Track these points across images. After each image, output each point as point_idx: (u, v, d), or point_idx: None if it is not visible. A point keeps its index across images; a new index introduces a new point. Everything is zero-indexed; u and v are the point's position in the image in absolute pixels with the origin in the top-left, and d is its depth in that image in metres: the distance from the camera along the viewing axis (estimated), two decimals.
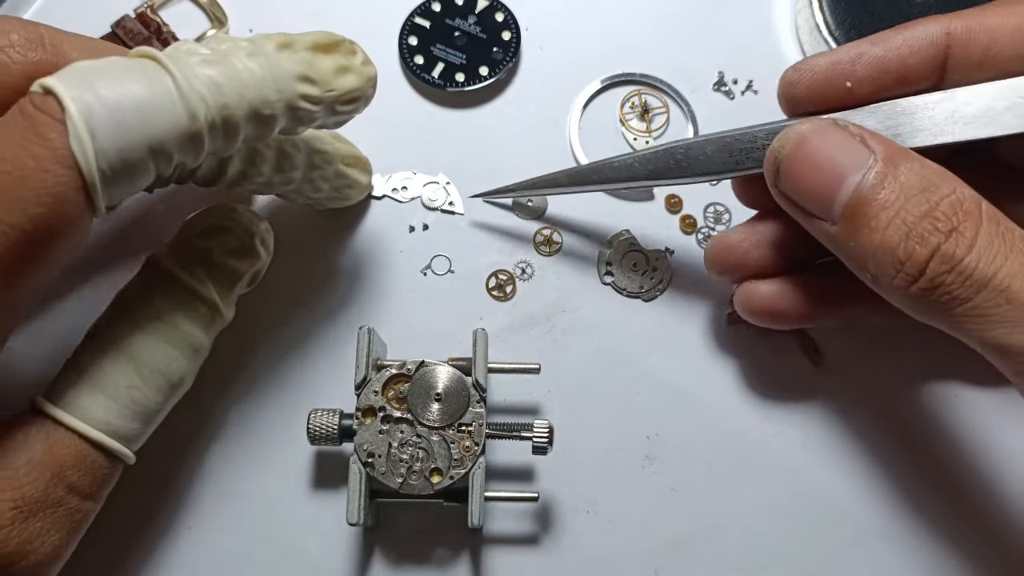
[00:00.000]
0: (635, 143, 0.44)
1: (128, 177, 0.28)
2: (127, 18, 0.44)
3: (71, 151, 0.26)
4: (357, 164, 0.40)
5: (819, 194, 0.30)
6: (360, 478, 0.34)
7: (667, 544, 0.38)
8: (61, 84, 0.27)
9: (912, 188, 0.29)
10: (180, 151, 0.29)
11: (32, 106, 0.27)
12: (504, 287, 0.42)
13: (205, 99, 0.28)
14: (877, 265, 0.29)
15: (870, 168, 0.29)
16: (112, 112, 0.27)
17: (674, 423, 0.40)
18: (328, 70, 0.31)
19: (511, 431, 0.36)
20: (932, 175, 0.29)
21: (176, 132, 0.28)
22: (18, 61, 0.30)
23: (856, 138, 0.30)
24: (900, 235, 0.28)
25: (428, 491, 0.34)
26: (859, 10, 0.43)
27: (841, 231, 0.30)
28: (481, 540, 0.38)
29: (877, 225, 0.29)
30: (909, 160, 0.30)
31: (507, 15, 0.45)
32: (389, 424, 0.34)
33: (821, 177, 0.30)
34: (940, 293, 0.28)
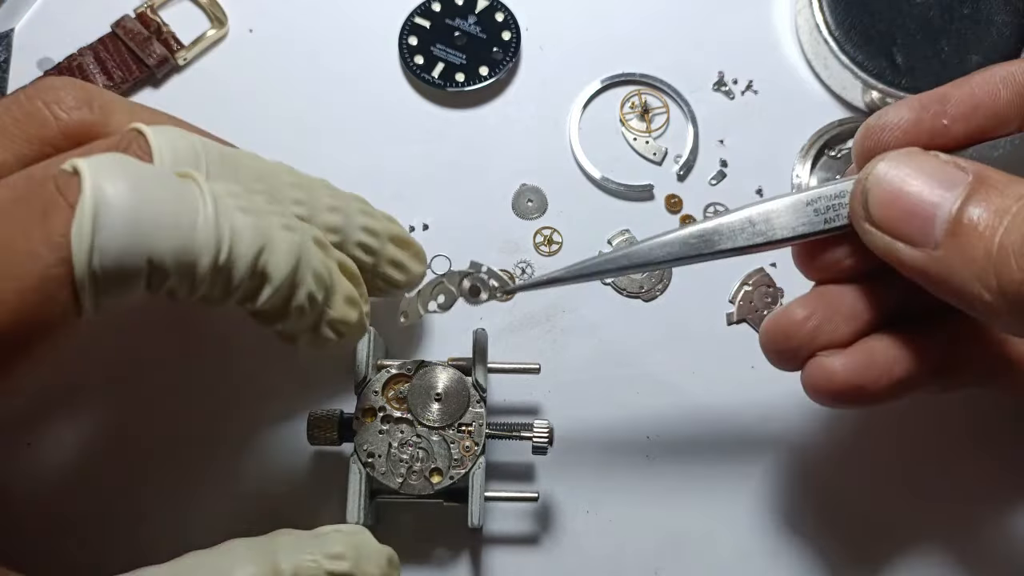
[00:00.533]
0: (635, 143, 0.44)
1: (119, 284, 0.26)
2: (127, 18, 0.44)
3: (68, 240, 0.24)
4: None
5: (916, 215, 0.27)
6: (360, 478, 0.34)
7: (667, 544, 0.38)
8: (89, 169, 0.25)
9: (1020, 192, 0.26)
10: (177, 279, 0.27)
11: (53, 183, 0.25)
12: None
13: (231, 238, 0.27)
14: (998, 275, 0.25)
15: (968, 184, 0.27)
16: (129, 212, 0.25)
17: (674, 423, 0.40)
18: (342, 293, 0.31)
19: (511, 431, 0.36)
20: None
21: (184, 258, 0.26)
22: (61, 119, 0.30)
23: (949, 162, 0.28)
24: (1021, 233, 0.25)
25: (428, 491, 0.34)
26: (859, 10, 0.43)
27: (944, 253, 0.27)
28: (481, 540, 0.38)
29: (992, 231, 0.26)
30: (1008, 176, 0.27)
31: (507, 15, 0.45)
32: (389, 424, 0.34)
33: (916, 199, 0.27)
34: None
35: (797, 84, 0.45)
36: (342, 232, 0.32)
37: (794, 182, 0.43)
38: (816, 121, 0.44)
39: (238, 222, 0.27)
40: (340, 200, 0.33)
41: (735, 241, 0.31)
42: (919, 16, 0.43)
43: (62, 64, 0.43)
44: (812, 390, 0.31)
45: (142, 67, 0.43)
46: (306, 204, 0.31)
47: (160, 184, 0.26)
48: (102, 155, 0.27)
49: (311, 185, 0.32)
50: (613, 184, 0.43)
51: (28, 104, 0.30)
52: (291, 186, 0.31)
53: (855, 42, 0.43)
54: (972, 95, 0.30)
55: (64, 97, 0.30)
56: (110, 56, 0.44)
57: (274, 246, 0.28)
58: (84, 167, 0.25)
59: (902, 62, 0.43)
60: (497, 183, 0.43)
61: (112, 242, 0.25)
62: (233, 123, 0.43)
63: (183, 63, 0.44)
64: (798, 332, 0.31)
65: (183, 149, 0.29)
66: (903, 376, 0.30)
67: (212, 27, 0.45)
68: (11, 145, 0.30)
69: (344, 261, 0.32)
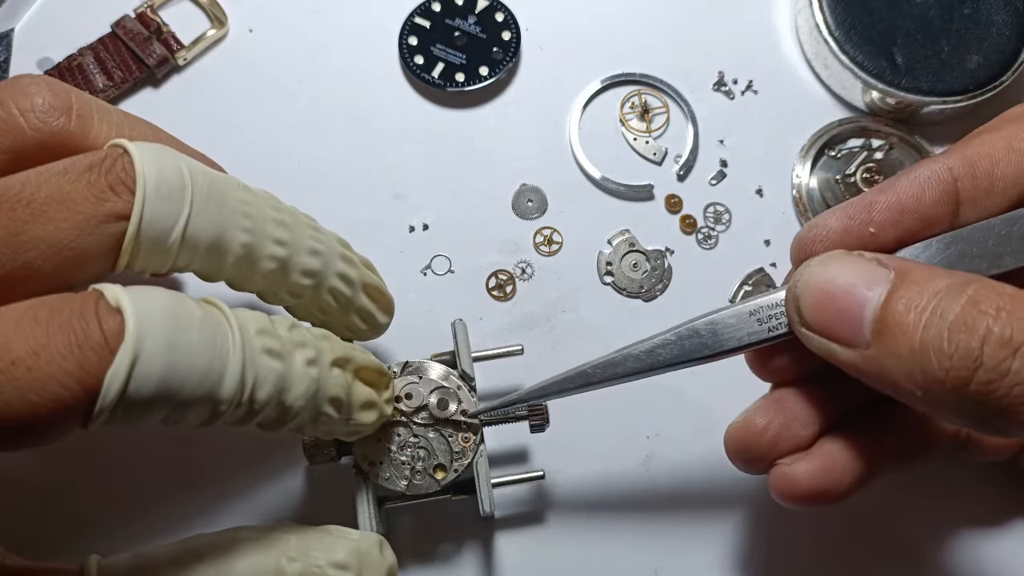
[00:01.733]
0: (635, 143, 0.44)
1: (134, 419, 0.26)
2: (127, 18, 0.44)
3: (100, 382, 0.24)
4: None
5: (845, 317, 0.28)
6: (366, 488, 0.34)
7: (667, 544, 0.38)
8: (132, 312, 0.25)
9: (941, 286, 0.26)
10: (194, 417, 0.27)
11: (95, 316, 0.25)
12: (504, 287, 0.42)
13: (253, 386, 0.27)
14: (923, 372, 0.26)
15: (891, 281, 0.27)
16: (163, 368, 0.25)
17: (674, 423, 0.40)
18: (358, 401, 0.31)
19: (506, 415, 0.35)
20: (958, 274, 0.27)
21: (206, 403, 0.26)
22: (35, 127, 0.29)
23: (872, 260, 0.29)
24: (940, 330, 0.25)
25: (435, 488, 0.34)
26: (859, 10, 0.43)
27: (875, 351, 0.27)
28: (493, 528, 0.38)
29: (913, 329, 0.26)
30: (929, 268, 0.28)
31: (507, 15, 0.45)
32: (384, 430, 0.34)
33: (844, 300, 0.28)
34: (1006, 385, 0.24)
35: (797, 84, 0.45)
36: (318, 277, 0.31)
37: (794, 182, 0.43)
38: (816, 121, 0.44)
39: (263, 367, 0.27)
40: (321, 242, 0.32)
41: (684, 356, 0.32)
42: (919, 16, 0.43)
43: (62, 64, 0.43)
44: (778, 496, 0.31)
45: (142, 67, 0.43)
46: (288, 245, 0.30)
47: (195, 330, 0.26)
48: (145, 291, 0.26)
49: (295, 223, 0.31)
50: (613, 184, 0.43)
51: (2, 110, 0.29)
52: (275, 224, 0.30)
53: (855, 42, 0.43)
54: (897, 200, 0.30)
55: (39, 103, 0.29)
56: (110, 56, 0.44)
57: (293, 386, 0.28)
58: (127, 307, 0.25)
59: (902, 62, 0.43)
60: (497, 183, 0.43)
61: (142, 391, 0.25)
62: (233, 123, 0.43)
63: (183, 63, 0.44)
64: (758, 442, 0.32)
65: (169, 172, 0.28)
66: (864, 472, 0.31)
67: (212, 27, 0.45)
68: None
69: (364, 364, 0.32)
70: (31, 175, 0.28)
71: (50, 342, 0.24)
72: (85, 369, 0.24)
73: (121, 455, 0.38)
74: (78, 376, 0.24)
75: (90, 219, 0.27)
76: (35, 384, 0.24)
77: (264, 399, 0.27)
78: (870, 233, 0.30)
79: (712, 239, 0.43)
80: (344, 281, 0.32)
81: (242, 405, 0.27)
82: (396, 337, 0.40)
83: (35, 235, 0.26)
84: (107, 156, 0.28)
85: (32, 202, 0.27)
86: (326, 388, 0.29)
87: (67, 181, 0.27)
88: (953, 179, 0.30)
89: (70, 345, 0.24)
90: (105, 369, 0.24)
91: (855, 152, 0.44)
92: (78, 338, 0.24)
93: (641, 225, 0.43)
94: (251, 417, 0.28)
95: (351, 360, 0.31)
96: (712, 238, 0.43)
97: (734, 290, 0.42)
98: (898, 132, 0.44)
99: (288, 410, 0.28)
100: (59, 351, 0.24)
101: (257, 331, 0.28)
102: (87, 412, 0.25)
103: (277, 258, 0.30)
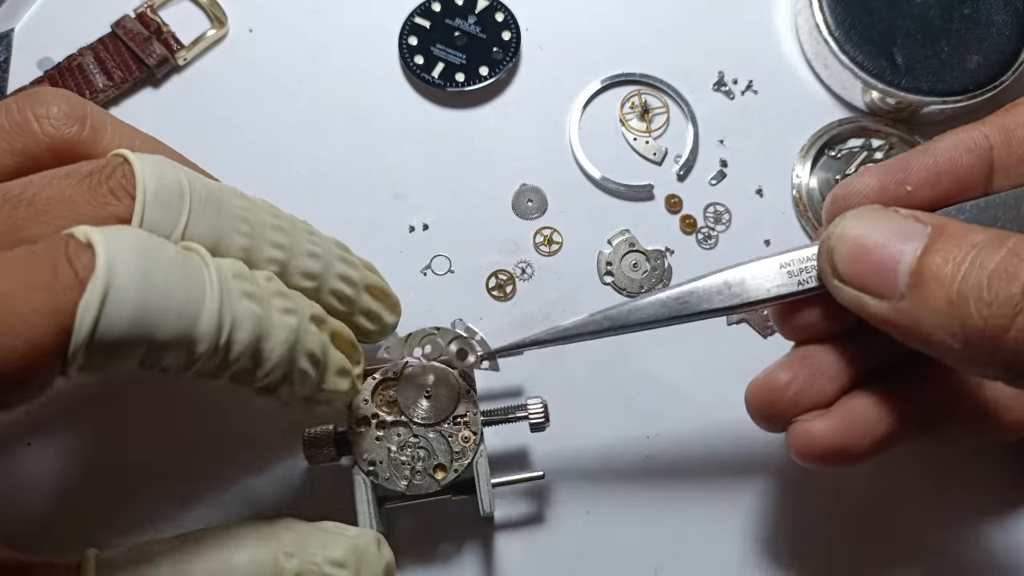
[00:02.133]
0: (635, 143, 0.44)
1: (111, 360, 0.25)
2: (127, 18, 0.44)
3: (71, 316, 0.24)
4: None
5: (879, 269, 0.28)
6: (366, 488, 0.34)
7: (667, 544, 0.38)
8: (104, 245, 0.25)
9: (979, 239, 0.26)
10: (172, 359, 0.27)
11: (64, 255, 0.25)
12: (504, 287, 0.42)
13: (231, 326, 0.27)
14: (960, 322, 0.26)
15: (927, 235, 0.27)
16: (137, 297, 0.25)
17: (674, 423, 0.40)
18: (334, 364, 0.31)
19: (506, 414, 0.36)
20: (995, 230, 0.27)
21: (183, 343, 0.26)
22: (48, 134, 0.29)
23: (908, 216, 0.29)
24: (980, 279, 0.25)
25: (435, 488, 0.34)
26: (859, 10, 0.43)
27: (911, 303, 0.27)
28: (492, 528, 0.38)
29: (951, 279, 0.26)
30: (966, 225, 0.28)
31: (507, 15, 0.45)
32: (384, 429, 0.34)
33: (880, 253, 0.28)
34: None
35: (797, 84, 0.45)
36: (319, 279, 0.32)
37: (794, 182, 0.43)
38: (816, 121, 0.44)
39: (240, 309, 0.27)
40: (320, 245, 0.32)
41: (711, 303, 0.32)
42: (919, 16, 0.43)
43: (62, 64, 0.43)
44: (796, 453, 0.31)
45: (142, 67, 0.43)
46: (286, 248, 0.31)
47: (170, 267, 0.26)
48: (117, 229, 0.26)
49: (292, 228, 0.31)
50: (613, 184, 0.43)
51: (18, 115, 0.30)
52: (273, 228, 0.31)
53: (855, 42, 0.43)
54: (935, 163, 0.30)
55: (55, 111, 0.30)
56: (110, 56, 0.44)
57: (271, 332, 0.28)
58: (99, 242, 0.25)
59: (902, 62, 0.43)
60: (497, 183, 0.43)
61: (115, 325, 0.25)
62: (233, 123, 0.44)
63: (183, 63, 0.44)
64: (781, 397, 0.31)
65: (168, 180, 0.28)
66: (885, 434, 0.31)
67: (212, 27, 0.45)
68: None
69: (339, 330, 0.32)
70: (34, 178, 0.28)
71: (19, 283, 0.24)
72: (55, 306, 0.24)
73: (120, 452, 0.38)
74: (48, 312, 0.24)
75: (91, 222, 0.27)
76: (5, 327, 0.23)
77: (242, 343, 0.27)
78: (906, 192, 0.30)
79: (712, 239, 0.43)
80: (346, 282, 0.33)
81: (219, 350, 0.27)
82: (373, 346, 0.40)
83: (35, 234, 0.27)
84: (108, 163, 0.29)
85: (34, 202, 0.27)
86: (304, 341, 0.29)
87: (69, 184, 0.28)
88: (989, 146, 0.31)
89: (41, 283, 0.24)
90: (77, 302, 0.24)
91: (855, 152, 0.44)
92: (48, 276, 0.24)
93: (641, 225, 0.43)
94: (226, 367, 0.28)
95: (327, 321, 0.31)
96: (712, 238, 0.43)
97: None
98: (898, 132, 0.44)
99: (264, 360, 0.28)
100: (28, 291, 0.24)
101: (234, 275, 0.28)
102: (63, 355, 0.24)
103: (276, 261, 0.30)
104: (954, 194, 0.31)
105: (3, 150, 0.29)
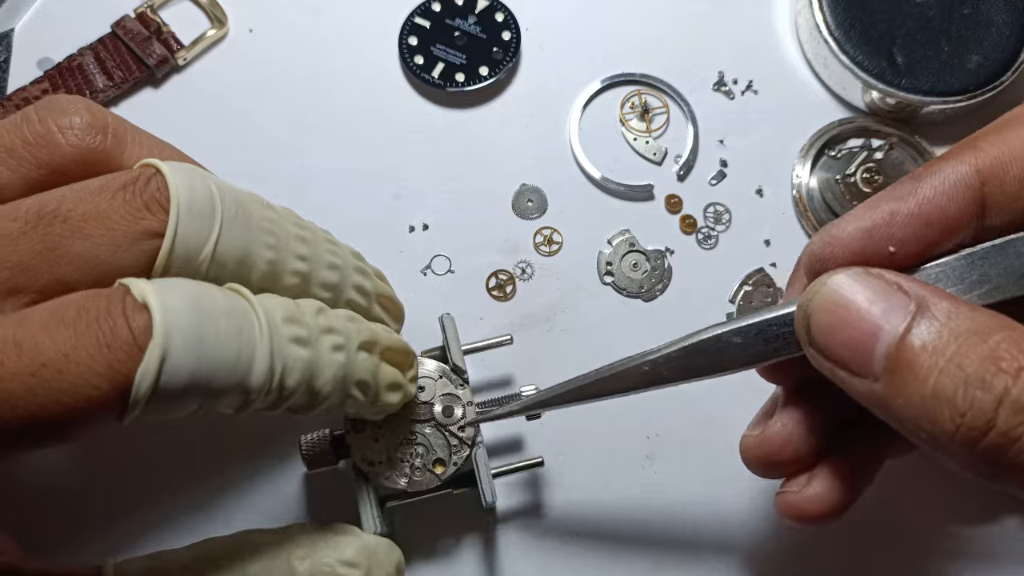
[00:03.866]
0: (635, 143, 0.44)
1: (166, 412, 0.26)
2: (127, 18, 0.44)
3: (131, 380, 0.25)
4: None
5: (856, 347, 0.26)
6: (367, 489, 0.34)
7: (667, 544, 0.38)
8: (159, 308, 0.25)
9: (962, 330, 0.25)
10: (227, 405, 0.27)
11: (122, 314, 0.25)
12: (504, 287, 0.42)
13: (282, 374, 0.28)
14: (931, 421, 0.24)
15: (910, 313, 0.25)
16: (193, 361, 0.26)
17: (674, 423, 0.40)
18: (384, 383, 0.32)
19: (501, 404, 0.36)
20: (982, 316, 0.25)
21: (237, 393, 0.27)
22: (73, 144, 0.29)
23: (892, 285, 0.27)
24: (956, 381, 0.24)
25: (435, 483, 0.34)
26: (859, 10, 0.43)
27: (885, 387, 0.26)
28: (495, 520, 0.38)
29: (926, 374, 0.24)
30: (954, 302, 0.26)
31: (507, 15, 0.45)
32: (381, 429, 0.34)
33: (857, 328, 0.26)
34: (1016, 451, 0.23)
35: (797, 84, 0.45)
36: (336, 290, 0.32)
37: (794, 182, 0.43)
38: (816, 121, 0.44)
39: (291, 357, 0.28)
40: (339, 256, 0.32)
41: (686, 373, 0.31)
42: (919, 16, 0.43)
43: (62, 64, 0.43)
44: (785, 519, 0.31)
45: (142, 67, 0.43)
46: (309, 260, 0.31)
47: (221, 317, 0.26)
48: (169, 283, 0.26)
49: (315, 238, 0.32)
50: (613, 184, 0.43)
51: (40, 126, 0.30)
52: (297, 240, 0.31)
53: (855, 42, 0.43)
54: (920, 212, 0.28)
55: (78, 122, 0.30)
56: (110, 56, 0.44)
57: (320, 373, 0.29)
58: (155, 305, 0.25)
59: (902, 62, 0.43)
60: (497, 183, 0.43)
61: (172, 385, 0.25)
62: (233, 123, 0.44)
63: (183, 63, 0.44)
64: (784, 450, 0.31)
65: (199, 192, 0.29)
66: (868, 482, 0.31)
67: (212, 27, 0.45)
68: (19, 167, 0.29)
69: (392, 345, 0.32)
70: (67, 192, 0.28)
71: (79, 343, 0.24)
72: (115, 368, 0.24)
73: (130, 461, 0.38)
74: (108, 376, 0.24)
75: (127, 236, 0.27)
76: (66, 386, 0.24)
77: (293, 386, 0.28)
78: (889, 253, 0.28)
79: (712, 239, 0.43)
80: (360, 293, 0.33)
81: (272, 392, 0.28)
82: None
83: (72, 250, 0.27)
84: (140, 175, 0.28)
85: (69, 218, 0.27)
86: (353, 373, 0.30)
87: (103, 199, 0.28)
88: (980, 183, 0.28)
89: (99, 345, 0.25)
90: (135, 367, 0.25)
91: (855, 152, 0.44)
92: (106, 338, 0.25)
93: (641, 225, 0.43)
94: (281, 403, 0.28)
95: (377, 342, 0.31)
96: (712, 238, 0.43)
97: (734, 290, 0.42)
98: (898, 132, 0.44)
99: (317, 395, 0.29)
100: (88, 352, 0.24)
101: (283, 319, 0.28)
102: (120, 408, 0.25)
103: (299, 273, 0.31)
104: (941, 242, 0.28)
105: (29, 163, 0.29)
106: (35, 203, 0.27)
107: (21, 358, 0.24)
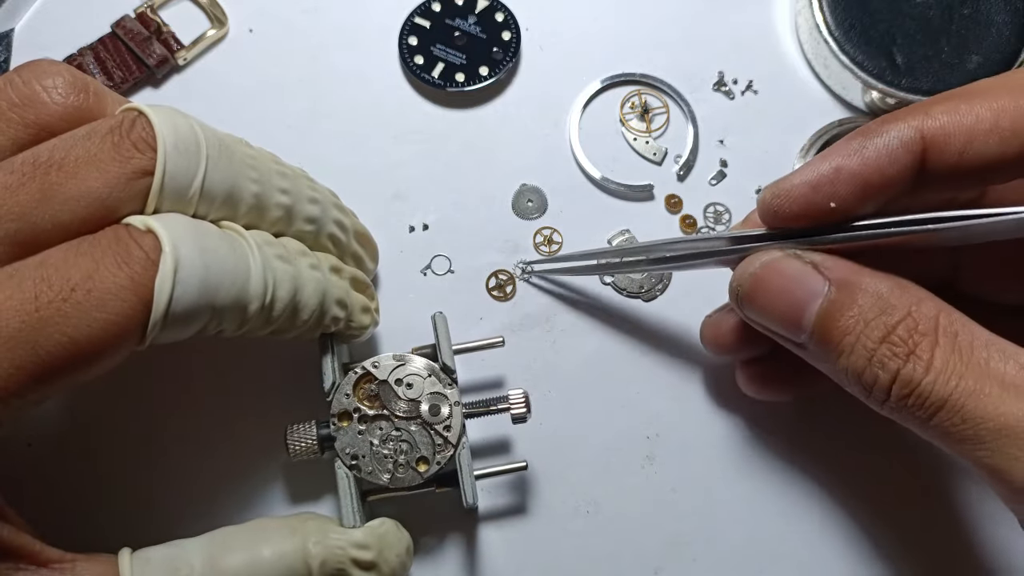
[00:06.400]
0: (635, 143, 0.44)
1: (182, 327, 0.29)
2: (127, 18, 0.44)
3: (152, 291, 0.27)
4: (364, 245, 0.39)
5: (785, 322, 0.31)
6: (349, 482, 0.34)
7: (667, 544, 0.38)
8: (165, 230, 0.28)
9: (869, 311, 0.29)
10: (230, 321, 0.30)
11: (131, 238, 0.28)
12: (504, 287, 0.42)
13: (274, 286, 0.31)
14: (852, 386, 0.30)
15: (826, 296, 0.30)
16: (201, 270, 0.28)
17: (674, 423, 0.40)
18: (358, 304, 0.35)
19: (487, 406, 0.36)
20: (889, 294, 0.29)
21: (239, 305, 0.30)
22: (58, 102, 0.30)
23: (809, 265, 0.31)
24: (864, 360, 0.29)
25: (418, 481, 0.34)
26: (859, 10, 0.43)
27: (813, 354, 0.31)
28: (476, 520, 0.38)
29: (842, 350, 0.30)
30: (865, 280, 0.30)
31: (507, 15, 0.45)
32: (366, 424, 0.34)
33: (782, 308, 0.31)
34: (906, 415, 0.29)
35: (797, 84, 0.45)
36: (318, 223, 0.34)
37: None
38: (816, 121, 0.44)
39: (278, 270, 0.31)
40: (318, 191, 0.34)
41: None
42: (919, 16, 0.43)
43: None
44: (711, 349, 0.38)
45: (142, 67, 0.43)
46: (290, 193, 0.33)
47: (219, 241, 0.29)
48: (170, 216, 0.29)
49: (294, 174, 0.34)
50: (613, 184, 0.43)
51: (25, 88, 0.30)
52: (278, 175, 0.33)
53: (855, 42, 0.43)
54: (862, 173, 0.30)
55: (60, 82, 0.31)
56: (110, 56, 0.44)
57: (304, 286, 0.32)
58: (159, 228, 0.28)
59: (902, 62, 0.43)
60: (497, 183, 0.43)
61: (187, 296, 0.28)
62: (233, 123, 0.43)
63: (183, 63, 0.44)
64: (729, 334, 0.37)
65: (183, 130, 0.30)
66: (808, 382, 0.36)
67: (212, 27, 0.45)
68: (8, 129, 0.30)
69: (355, 275, 0.36)
70: (57, 142, 0.29)
71: (99, 265, 0.27)
72: (136, 280, 0.27)
73: (142, 453, 0.38)
74: (131, 287, 0.27)
75: (119, 177, 0.29)
76: (95, 302, 0.27)
77: (284, 297, 0.31)
78: (830, 208, 0.31)
79: None
80: (339, 227, 0.35)
81: (264, 308, 0.30)
82: (397, 337, 0.40)
83: (69, 195, 0.28)
84: (124, 119, 0.30)
85: (64, 165, 0.28)
86: (331, 289, 0.33)
87: (93, 144, 0.29)
88: (922, 149, 0.30)
89: (118, 263, 0.27)
90: (153, 277, 0.27)
91: None
92: (123, 256, 0.27)
93: (641, 225, 0.43)
94: (269, 323, 0.31)
95: (343, 269, 0.35)
96: None
97: None
98: None
99: (301, 310, 0.32)
100: (110, 270, 0.27)
101: (264, 241, 0.31)
102: (144, 324, 0.28)
103: (283, 206, 0.33)
104: (877, 198, 0.31)
105: (17, 124, 0.30)
106: (29, 155, 0.29)
107: (52, 288, 0.26)
